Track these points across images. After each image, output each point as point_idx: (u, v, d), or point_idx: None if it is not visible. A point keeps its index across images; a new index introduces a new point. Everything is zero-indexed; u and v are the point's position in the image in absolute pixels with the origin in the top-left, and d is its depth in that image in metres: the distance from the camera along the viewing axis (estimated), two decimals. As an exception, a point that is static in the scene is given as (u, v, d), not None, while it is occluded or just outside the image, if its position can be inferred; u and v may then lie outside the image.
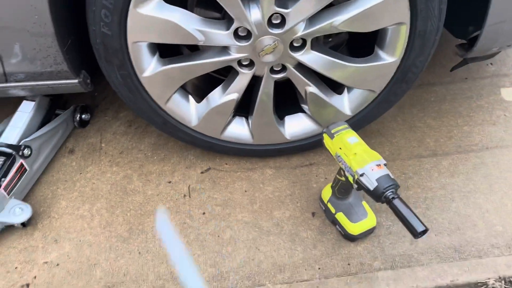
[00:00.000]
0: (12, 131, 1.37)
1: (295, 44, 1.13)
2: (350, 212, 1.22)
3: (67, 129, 1.56)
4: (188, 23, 1.06)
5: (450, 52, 1.82)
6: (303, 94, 1.27)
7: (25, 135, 1.38)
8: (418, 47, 1.14)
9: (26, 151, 1.34)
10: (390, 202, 1.00)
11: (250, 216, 1.34)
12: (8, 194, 1.30)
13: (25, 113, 1.41)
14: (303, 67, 1.20)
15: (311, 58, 1.16)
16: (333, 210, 1.25)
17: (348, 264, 1.22)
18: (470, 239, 1.25)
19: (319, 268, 1.21)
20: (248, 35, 1.09)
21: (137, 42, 1.08)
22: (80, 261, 1.25)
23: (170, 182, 1.44)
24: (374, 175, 1.01)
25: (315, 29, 1.08)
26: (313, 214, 1.33)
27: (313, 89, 1.24)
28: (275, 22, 1.07)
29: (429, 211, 1.32)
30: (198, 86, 1.38)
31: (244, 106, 1.34)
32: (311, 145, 1.43)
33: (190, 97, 1.30)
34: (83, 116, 1.59)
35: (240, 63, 1.18)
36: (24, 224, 1.30)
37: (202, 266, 1.22)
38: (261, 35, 1.08)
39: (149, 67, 1.15)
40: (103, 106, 1.70)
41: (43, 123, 1.47)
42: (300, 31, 1.09)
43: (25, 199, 1.39)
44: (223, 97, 1.26)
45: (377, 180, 1.00)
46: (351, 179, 1.07)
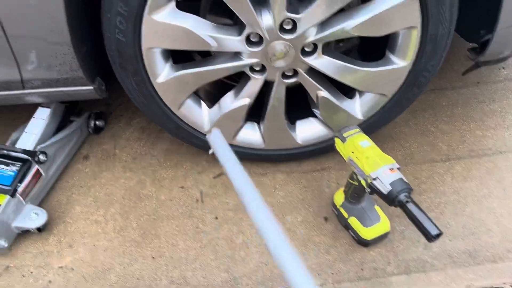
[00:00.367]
0: (28, 137, 1.40)
1: (307, 49, 1.14)
2: (363, 217, 1.21)
3: (81, 135, 1.58)
4: (201, 29, 1.08)
5: (461, 57, 1.82)
6: (314, 98, 1.27)
7: (40, 141, 1.40)
8: (430, 51, 1.14)
9: (42, 157, 1.36)
10: (403, 206, 0.99)
11: (263, 221, 1.34)
12: (24, 200, 1.32)
13: (40, 119, 1.44)
14: (315, 72, 1.21)
15: (322, 62, 1.16)
16: (345, 215, 1.24)
17: (362, 269, 1.21)
18: (484, 244, 1.24)
19: (332, 273, 1.21)
20: (260, 41, 1.11)
21: (151, 49, 1.10)
22: (94, 265, 1.26)
23: (182, 188, 1.45)
24: (388, 179, 1.01)
25: (327, 34, 1.09)
26: (325, 219, 1.33)
27: (324, 93, 1.25)
28: (286, 27, 1.08)
29: (442, 216, 1.31)
30: (210, 91, 1.40)
31: (256, 111, 1.35)
32: (322, 149, 1.43)
33: (203, 102, 1.32)
34: (97, 122, 1.61)
35: (251, 69, 1.19)
36: (39, 229, 1.32)
37: (215, 271, 1.23)
38: (272, 41, 1.09)
39: (162, 73, 1.17)
40: (117, 112, 1.72)
41: (58, 130, 1.49)
42: (312, 36, 1.10)
43: (40, 205, 1.41)
44: (235, 102, 1.27)
45: (390, 184, 1.00)
46: (364, 183, 1.07)
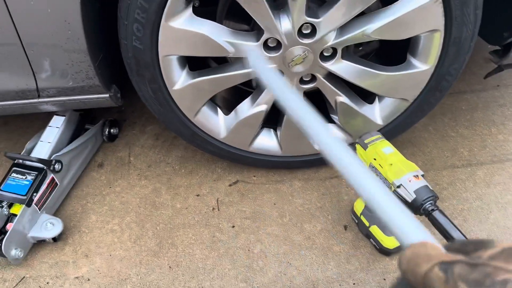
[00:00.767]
0: (43, 146, 1.39)
1: (325, 54, 1.12)
2: (385, 225, 1.18)
3: (96, 143, 1.57)
4: (218, 35, 1.06)
5: (481, 59, 1.78)
6: (333, 104, 1.25)
7: (55, 149, 1.39)
8: (453, 54, 1.11)
9: (57, 166, 1.35)
10: (429, 215, 0.96)
11: (280, 230, 1.32)
12: (39, 209, 1.31)
13: (55, 128, 1.43)
14: (333, 77, 1.18)
15: (341, 67, 1.14)
16: (367, 223, 1.21)
17: (384, 279, 1.18)
18: (511, 252, 1.20)
19: (354, 283, 1.17)
20: (278, 46, 1.09)
21: (168, 56, 1.08)
22: (110, 275, 1.24)
23: (198, 195, 1.43)
24: (412, 187, 0.98)
25: (346, 38, 1.07)
26: (345, 227, 1.30)
27: (343, 99, 1.22)
28: (305, 32, 1.06)
29: (466, 223, 1.28)
30: (227, 98, 1.38)
31: (272, 118, 1.32)
32: (341, 156, 1.40)
33: (219, 109, 1.30)
34: (112, 130, 1.60)
35: (269, 74, 1.17)
36: (55, 239, 1.31)
37: (233, 281, 1.20)
38: (291, 46, 1.07)
39: (179, 80, 1.15)
40: (130, 120, 1.71)
41: (73, 138, 1.49)
42: (331, 41, 1.08)
43: (55, 214, 1.40)
44: (251, 109, 1.25)
45: (415, 191, 0.97)
46: (387, 190, 1.04)
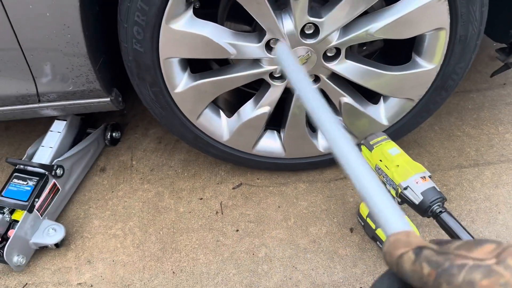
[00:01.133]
0: (45, 151, 1.38)
1: (329, 54, 1.10)
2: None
3: (98, 147, 1.56)
4: (220, 37, 1.04)
5: (486, 58, 1.76)
6: (337, 105, 1.23)
7: (57, 154, 1.38)
8: (459, 53, 1.09)
9: (58, 171, 1.34)
10: (437, 217, 0.94)
11: (285, 233, 1.30)
12: (41, 215, 1.30)
13: (57, 132, 1.42)
14: (337, 77, 1.16)
15: (345, 67, 1.12)
16: (373, 226, 1.19)
17: (391, 282, 1.15)
18: (521, 254, 1.17)
19: (360, 287, 1.15)
20: (281, 47, 1.07)
21: (169, 58, 1.07)
22: (114, 281, 1.23)
23: (201, 199, 1.42)
24: (419, 188, 0.96)
25: (350, 37, 1.05)
26: (351, 230, 1.28)
27: (347, 99, 1.20)
28: (308, 32, 1.04)
29: (474, 225, 1.25)
30: (229, 101, 1.36)
31: (276, 119, 1.31)
32: (345, 157, 1.38)
33: (221, 112, 1.28)
34: (114, 134, 1.58)
35: (271, 76, 1.15)
36: (57, 245, 1.29)
37: (237, 286, 1.18)
38: (293, 46, 1.06)
39: (180, 83, 1.14)
40: (132, 123, 1.69)
41: (74, 142, 1.47)
42: (334, 41, 1.06)
43: (58, 219, 1.39)
44: (254, 110, 1.23)
45: (422, 193, 0.95)
46: (393, 192, 1.02)
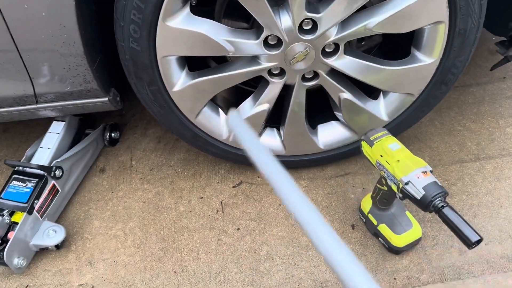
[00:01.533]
0: (43, 153, 1.37)
1: (327, 50, 1.09)
2: (394, 223, 1.15)
3: (97, 148, 1.55)
4: (217, 34, 1.03)
5: (485, 52, 1.75)
6: (336, 101, 1.22)
7: (56, 156, 1.38)
8: (458, 46, 1.08)
9: (58, 172, 1.33)
10: (439, 211, 0.93)
11: (286, 231, 1.29)
12: (41, 216, 1.29)
13: (55, 133, 1.41)
14: (336, 73, 1.16)
15: (344, 63, 1.11)
16: (375, 222, 1.19)
17: (394, 278, 1.15)
18: (524, 248, 1.17)
19: (363, 283, 1.15)
20: (279, 43, 1.06)
21: (166, 57, 1.06)
22: (115, 282, 1.22)
23: (202, 198, 1.41)
24: (421, 183, 0.95)
25: (348, 32, 1.04)
26: (352, 227, 1.27)
27: (347, 95, 1.20)
28: (306, 28, 1.03)
29: (476, 219, 1.25)
30: (228, 99, 1.36)
31: (275, 116, 1.30)
32: (346, 154, 1.38)
33: (220, 110, 1.27)
34: (113, 134, 1.58)
35: (270, 73, 1.14)
36: (58, 246, 1.29)
37: (240, 284, 1.18)
38: (292, 42, 1.05)
39: (178, 81, 1.13)
40: (131, 123, 1.69)
41: (73, 143, 1.47)
42: (333, 36, 1.05)
43: (58, 221, 1.38)
44: (253, 108, 1.23)
45: (424, 188, 0.94)
46: (394, 188, 1.01)
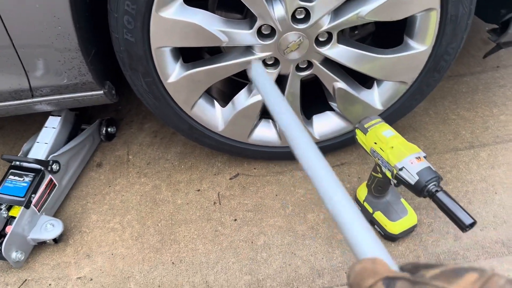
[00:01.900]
0: (40, 147, 1.37)
1: (321, 39, 1.10)
2: (389, 211, 1.16)
3: (94, 143, 1.56)
4: (211, 25, 1.04)
5: (479, 41, 1.76)
6: (331, 90, 1.23)
7: (52, 150, 1.38)
8: (450, 33, 1.09)
9: (54, 166, 1.34)
10: (433, 196, 0.94)
11: (283, 221, 1.30)
12: (39, 211, 1.30)
13: (51, 128, 1.41)
14: (330, 63, 1.16)
15: (338, 52, 1.12)
16: (370, 210, 1.19)
17: (390, 264, 1.16)
18: (519, 232, 1.18)
19: (360, 270, 1.15)
20: (272, 33, 1.07)
21: (160, 48, 1.07)
22: (113, 274, 1.23)
23: (199, 190, 1.41)
24: (415, 169, 0.96)
25: (341, 21, 1.05)
26: (349, 215, 1.28)
27: (341, 84, 1.20)
28: (299, 17, 1.04)
29: (471, 205, 1.26)
30: (223, 90, 1.36)
31: (270, 108, 1.30)
32: (341, 144, 1.38)
33: (215, 102, 1.28)
34: (109, 129, 1.58)
35: (264, 63, 1.15)
36: (56, 240, 1.29)
37: (237, 273, 1.19)
38: (285, 32, 1.05)
39: (173, 72, 1.13)
40: (128, 118, 1.69)
41: (69, 138, 1.47)
42: (326, 25, 1.06)
43: (55, 215, 1.38)
44: (248, 99, 1.23)
45: (418, 173, 0.95)
46: (389, 174, 1.02)
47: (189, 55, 1.20)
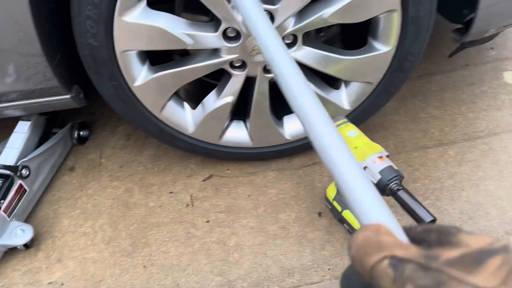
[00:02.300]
0: (9, 153, 1.36)
1: (287, 41, 1.11)
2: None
3: (66, 147, 1.55)
4: (175, 28, 1.04)
5: (449, 40, 1.78)
6: (299, 92, 1.24)
7: (22, 155, 1.37)
8: (412, 34, 1.11)
9: (24, 172, 1.32)
10: (395, 194, 0.97)
11: (255, 221, 1.31)
12: (8, 216, 1.28)
13: (21, 133, 1.40)
14: (297, 64, 1.17)
15: (304, 54, 1.13)
16: (339, 208, 1.21)
17: (359, 262, 1.17)
18: (483, 228, 1.21)
19: (329, 268, 1.17)
20: (237, 36, 1.07)
21: (125, 51, 1.06)
22: (85, 278, 1.22)
23: (172, 193, 1.42)
24: (377, 168, 0.98)
25: (305, 23, 1.06)
26: (319, 214, 1.30)
27: (309, 86, 1.21)
28: (263, 20, 1.05)
29: (439, 202, 1.28)
30: (192, 92, 1.36)
31: (242, 109, 1.31)
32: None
33: (185, 104, 1.28)
34: (82, 132, 1.57)
35: (232, 65, 1.15)
36: (26, 246, 1.28)
37: (209, 275, 1.19)
38: (250, 35, 1.06)
39: (140, 76, 1.13)
40: (101, 121, 1.68)
41: (40, 143, 1.46)
42: (290, 27, 1.07)
43: (27, 220, 1.37)
44: (218, 101, 1.24)
45: (380, 172, 0.97)
46: (353, 173, 1.04)
47: (159, 58, 1.20)
